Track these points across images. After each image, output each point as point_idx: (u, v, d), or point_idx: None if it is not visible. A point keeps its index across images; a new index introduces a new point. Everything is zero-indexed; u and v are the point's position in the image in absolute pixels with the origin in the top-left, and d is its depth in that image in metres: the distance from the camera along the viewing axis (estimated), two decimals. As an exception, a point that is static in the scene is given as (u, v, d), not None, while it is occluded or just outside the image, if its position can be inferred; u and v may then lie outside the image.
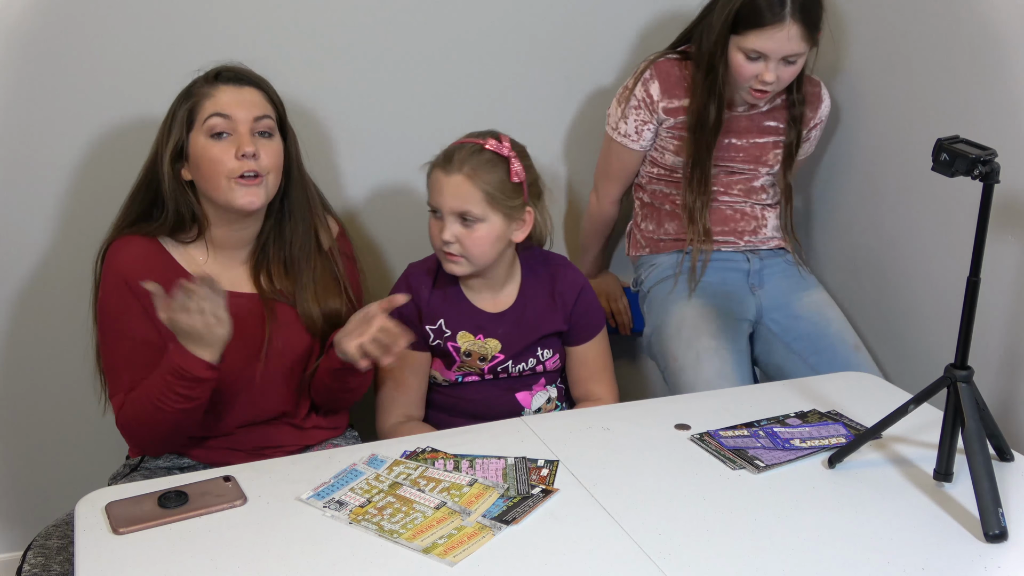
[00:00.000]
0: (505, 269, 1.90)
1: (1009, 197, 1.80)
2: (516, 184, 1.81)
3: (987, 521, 1.32)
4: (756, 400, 1.73)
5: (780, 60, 1.96)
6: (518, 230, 1.84)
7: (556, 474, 1.48)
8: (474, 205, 1.77)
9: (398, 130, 2.16)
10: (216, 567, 1.25)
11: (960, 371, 1.42)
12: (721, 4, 1.98)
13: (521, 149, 1.87)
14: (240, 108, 1.68)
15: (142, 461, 1.80)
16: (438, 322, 1.89)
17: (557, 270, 1.95)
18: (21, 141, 1.95)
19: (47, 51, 1.91)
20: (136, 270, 1.70)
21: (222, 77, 1.71)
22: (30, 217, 2.00)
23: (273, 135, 1.72)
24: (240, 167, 1.66)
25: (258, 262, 1.79)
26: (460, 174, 1.77)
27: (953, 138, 1.41)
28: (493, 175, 1.78)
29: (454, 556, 1.28)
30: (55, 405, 2.09)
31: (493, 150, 1.80)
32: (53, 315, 2.02)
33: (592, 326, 1.96)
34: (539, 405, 1.95)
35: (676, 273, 2.14)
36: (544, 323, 1.91)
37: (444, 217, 1.80)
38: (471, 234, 1.79)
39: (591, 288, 1.99)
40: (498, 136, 1.83)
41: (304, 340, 1.80)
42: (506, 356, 1.90)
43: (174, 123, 1.70)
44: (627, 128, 2.13)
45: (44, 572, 1.60)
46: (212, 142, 1.67)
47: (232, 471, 1.47)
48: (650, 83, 2.09)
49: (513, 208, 1.81)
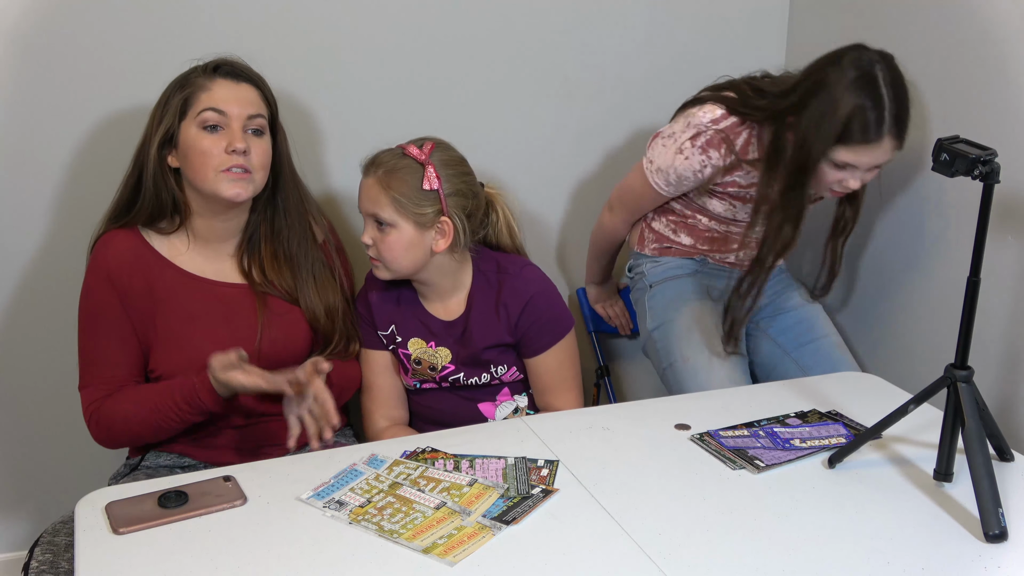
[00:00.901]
0: (449, 277, 1.85)
1: (1009, 197, 1.80)
2: (429, 192, 1.76)
3: (987, 521, 1.32)
4: (756, 400, 1.73)
5: (868, 169, 1.86)
6: (439, 239, 1.78)
7: (556, 474, 1.48)
8: (382, 209, 1.76)
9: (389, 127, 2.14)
10: (216, 567, 1.25)
11: (960, 371, 1.42)
12: (818, 113, 1.80)
13: (450, 158, 1.81)
14: (235, 104, 1.69)
15: (143, 460, 1.80)
16: (389, 328, 1.89)
17: (505, 279, 1.87)
18: (15, 136, 1.95)
19: (42, 45, 1.91)
20: (120, 266, 1.73)
21: (220, 71, 1.72)
22: (28, 213, 2.00)
23: (264, 134, 1.73)
24: (229, 161, 1.68)
25: (247, 255, 1.80)
26: (373, 177, 1.77)
27: (953, 138, 1.41)
28: (404, 182, 1.75)
29: (454, 556, 1.28)
30: (56, 404, 2.09)
31: (411, 155, 1.77)
32: (55, 313, 2.02)
33: (544, 337, 1.87)
34: (505, 415, 1.93)
35: (684, 275, 2.12)
36: (488, 334, 1.86)
37: (365, 220, 1.80)
38: (384, 239, 1.78)
39: (546, 295, 1.88)
40: (422, 143, 1.80)
41: (303, 333, 1.81)
42: (456, 368, 1.88)
43: (167, 109, 1.71)
44: (666, 179, 2.01)
45: (52, 569, 1.61)
46: (204, 134, 1.68)
47: (232, 471, 1.47)
48: (711, 150, 1.93)
49: (424, 216, 1.76)
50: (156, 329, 1.74)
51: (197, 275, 1.77)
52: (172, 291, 1.75)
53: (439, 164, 1.77)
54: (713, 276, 2.14)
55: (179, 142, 1.71)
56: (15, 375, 2.09)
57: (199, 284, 1.76)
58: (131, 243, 1.75)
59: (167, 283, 1.75)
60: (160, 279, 1.75)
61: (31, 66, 1.92)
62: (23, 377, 2.10)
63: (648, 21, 2.29)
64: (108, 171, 1.86)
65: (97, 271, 1.74)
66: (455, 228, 1.78)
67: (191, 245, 1.78)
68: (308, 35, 2.06)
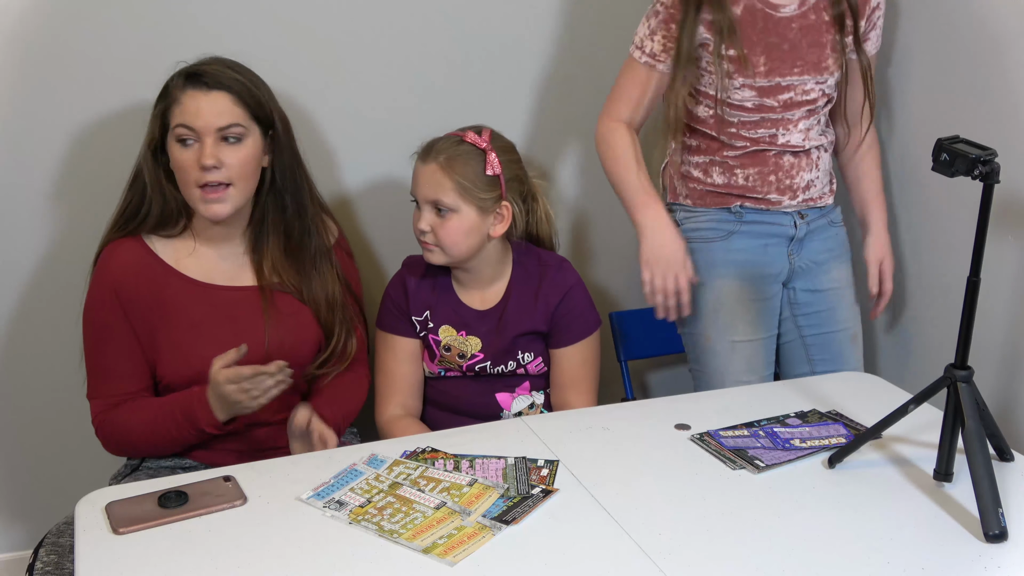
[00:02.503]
0: (492, 265, 1.90)
1: (1009, 197, 1.80)
2: (491, 177, 1.82)
3: (987, 521, 1.32)
4: (756, 400, 1.73)
5: None
6: (496, 224, 1.85)
7: (556, 474, 1.48)
8: (445, 195, 1.80)
9: (396, 124, 2.15)
10: (216, 567, 1.25)
11: (960, 371, 1.42)
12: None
13: (506, 144, 1.88)
14: (204, 118, 1.67)
15: (143, 461, 1.81)
16: (424, 313, 1.91)
17: (547, 270, 1.93)
18: (17, 137, 1.95)
19: (39, 44, 1.91)
20: (124, 279, 1.74)
21: (192, 80, 1.70)
22: (29, 214, 2.00)
23: (242, 140, 1.70)
24: (203, 177, 1.67)
25: (257, 251, 1.80)
26: (435, 163, 1.81)
27: (953, 138, 1.41)
28: (468, 167, 1.81)
29: (454, 556, 1.28)
30: (57, 404, 2.09)
31: (471, 142, 1.82)
32: (57, 314, 2.02)
33: (576, 330, 1.93)
34: (519, 408, 1.95)
35: (713, 239, 1.96)
36: (524, 321, 1.90)
37: (421, 206, 1.83)
38: (444, 224, 1.81)
39: (582, 289, 1.94)
40: (480, 130, 1.85)
41: (312, 334, 1.81)
42: (486, 356, 1.91)
43: (153, 121, 1.73)
44: (640, 44, 1.91)
45: (57, 570, 1.61)
46: (180, 148, 1.69)
47: (232, 471, 1.47)
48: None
49: (486, 201, 1.82)
50: (161, 339, 1.74)
51: (202, 281, 1.77)
52: (176, 300, 1.75)
53: (498, 150, 1.84)
54: (751, 236, 1.96)
55: (168, 152, 1.72)
56: (16, 375, 2.09)
57: (204, 290, 1.76)
58: (135, 253, 1.75)
59: (172, 292, 1.75)
60: (165, 288, 1.75)
61: (33, 66, 1.92)
62: (25, 377, 2.10)
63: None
64: (110, 172, 1.87)
65: (102, 285, 1.74)
66: (513, 214, 1.86)
67: (197, 247, 1.78)
68: (312, 32, 2.06)
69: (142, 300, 1.73)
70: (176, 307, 1.75)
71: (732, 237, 1.96)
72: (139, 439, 1.73)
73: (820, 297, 2.03)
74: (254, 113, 1.73)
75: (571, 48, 2.26)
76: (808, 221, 1.98)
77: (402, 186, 2.16)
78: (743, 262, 1.96)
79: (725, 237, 1.96)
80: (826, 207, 2.03)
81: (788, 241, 1.98)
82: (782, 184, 1.95)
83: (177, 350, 1.74)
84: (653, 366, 2.53)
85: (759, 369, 1.98)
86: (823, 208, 2.02)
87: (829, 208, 2.04)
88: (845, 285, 2.04)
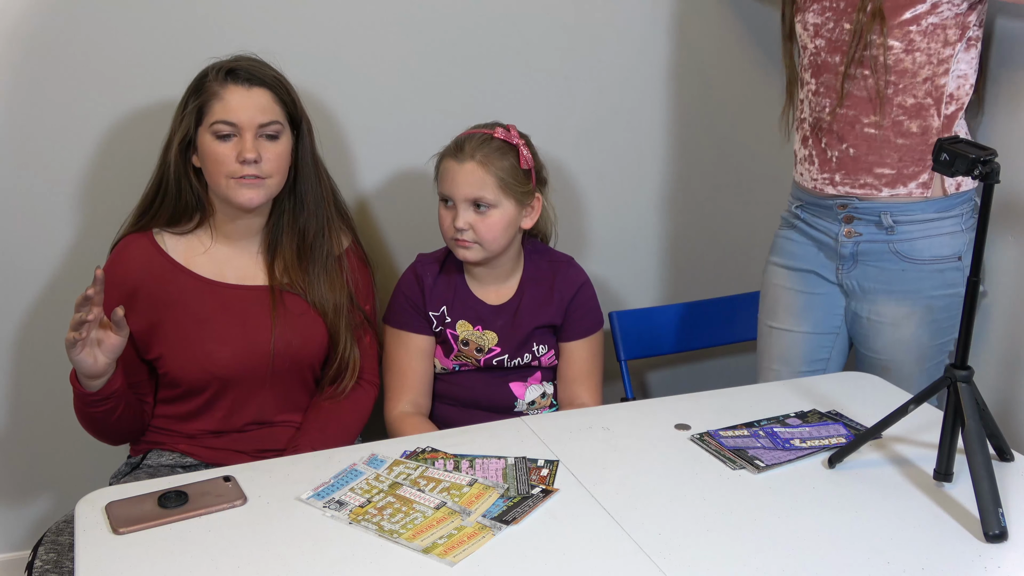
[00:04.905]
0: (511, 260, 1.94)
1: (1009, 197, 1.81)
2: (526, 170, 1.87)
3: (987, 521, 1.32)
4: (756, 400, 1.73)
5: None
6: (527, 216, 1.91)
7: (556, 474, 1.48)
8: (488, 191, 1.83)
9: (411, 121, 2.16)
10: (216, 567, 1.25)
11: (960, 371, 1.42)
12: None
13: (526, 138, 1.92)
14: (246, 113, 1.69)
15: (144, 460, 1.81)
16: (441, 308, 1.93)
17: (559, 265, 1.99)
18: (34, 138, 1.95)
19: (58, 41, 1.91)
20: (130, 274, 1.75)
21: (233, 76, 1.71)
22: (44, 216, 2.00)
23: (279, 137, 1.73)
24: (241, 170, 1.69)
25: (272, 251, 1.81)
26: (473, 161, 1.83)
27: (953, 138, 1.41)
28: (504, 162, 1.84)
29: (454, 556, 1.28)
30: (57, 404, 2.09)
31: (502, 138, 1.86)
32: (57, 314, 2.02)
33: (586, 324, 1.98)
34: (532, 398, 1.97)
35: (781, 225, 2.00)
36: (539, 314, 1.94)
37: (457, 205, 1.85)
38: (484, 220, 1.84)
39: (591, 288, 2.01)
40: (505, 126, 1.89)
41: (319, 335, 1.81)
42: (503, 350, 1.93)
43: (185, 114, 1.73)
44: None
45: (56, 569, 1.61)
46: (217, 142, 1.70)
47: (232, 471, 1.47)
48: None
49: (524, 194, 1.88)
50: (166, 333, 1.75)
51: (211, 279, 1.77)
52: (183, 296, 1.75)
53: (526, 144, 1.89)
54: (807, 234, 1.93)
55: (198, 147, 1.72)
56: (17, 375, 2.09)
57: (212, 288, 1.77)
58: (144, 251, 1.76)
59: (179, 288, 1.75)
60: (172, 284, 1.75)
61: (52, 64, 1.92)
62: (25, 377, 2.10)
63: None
64: (129, 169, 1.87)
65: (109, 280, 1.74)
66: (543, 205, 1.93)
67: (213, 244, 1.79)
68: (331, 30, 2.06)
69: (143, 297, 1.74)
70: (182, 302, 1.75)
71: (791, 229, 1.98)
72: (82, 420, 1.74)
73: (858, 321, 1.93)
74: (288, 111, 1.76)
75: (583, 44, 2.25)
76: (856, 241, 1.86)
77: (417, 181, 2.17)
78: (793, 253, 1.98)
79: (788, 227, 1.99)
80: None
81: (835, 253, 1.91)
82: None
83: (182, 345, 1.75)
84: (653, 366, 2.53)
85: (793, 362, 1.98)
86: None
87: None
88: (889, 322, 1.87)
